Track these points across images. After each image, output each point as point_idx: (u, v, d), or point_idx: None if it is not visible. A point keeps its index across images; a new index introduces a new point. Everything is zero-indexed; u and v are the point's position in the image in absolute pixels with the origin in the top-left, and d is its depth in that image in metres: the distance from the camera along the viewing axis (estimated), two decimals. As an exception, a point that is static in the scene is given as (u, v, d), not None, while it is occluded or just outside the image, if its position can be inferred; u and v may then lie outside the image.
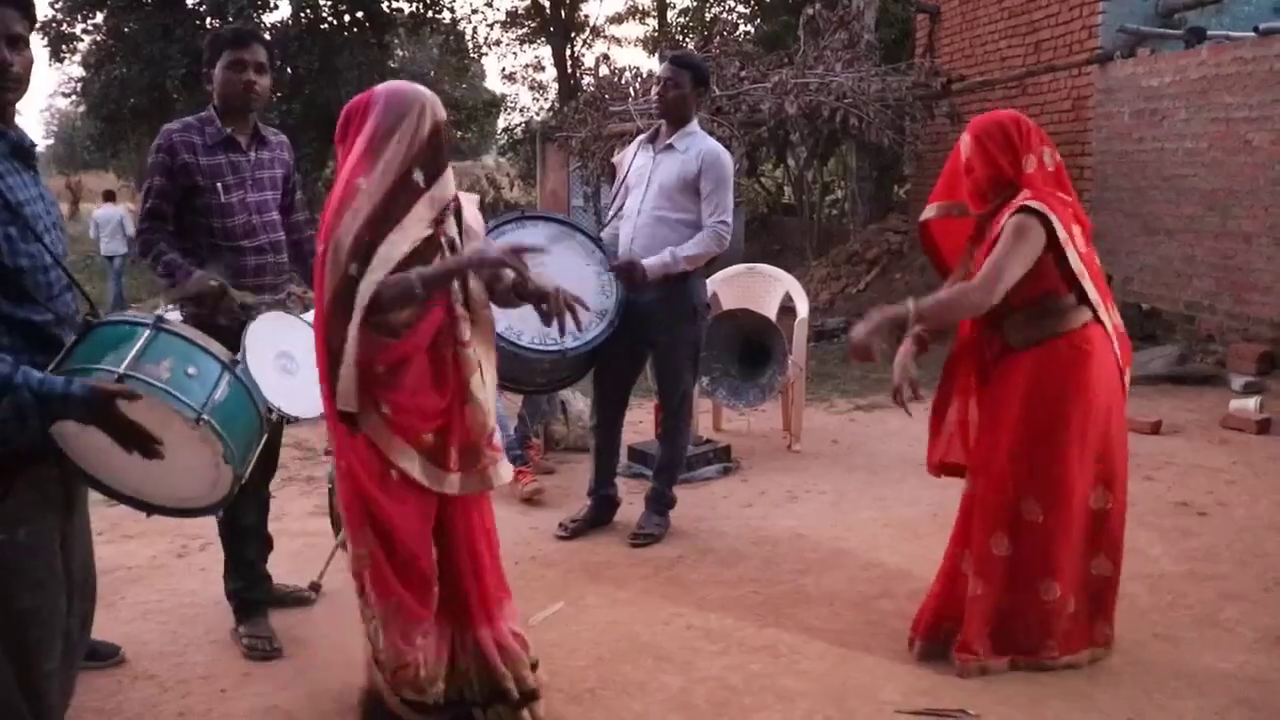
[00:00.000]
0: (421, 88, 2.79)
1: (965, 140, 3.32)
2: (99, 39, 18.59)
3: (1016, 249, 3.12)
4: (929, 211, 3.50)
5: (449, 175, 2.80)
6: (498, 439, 2.89)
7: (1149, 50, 9.34)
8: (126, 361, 2.28)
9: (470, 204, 3.01)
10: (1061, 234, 3.14)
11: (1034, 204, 3.15)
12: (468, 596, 2.92)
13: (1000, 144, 3.26)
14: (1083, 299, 3.26)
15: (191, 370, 2.40)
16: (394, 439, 2.73)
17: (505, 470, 2.91)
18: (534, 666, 3.04)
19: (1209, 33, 8.96)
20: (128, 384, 2.24)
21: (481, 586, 2.95)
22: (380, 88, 2.77)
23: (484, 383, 2.84)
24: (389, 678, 2.88)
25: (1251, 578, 4.09)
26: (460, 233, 2.88)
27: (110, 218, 15.30)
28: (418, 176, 2.70)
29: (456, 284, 2.79)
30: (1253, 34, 8.42)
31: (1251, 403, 6.49)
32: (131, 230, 17.76)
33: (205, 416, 2.34)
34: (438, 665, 2.90)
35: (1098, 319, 3.28)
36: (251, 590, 3.73)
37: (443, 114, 2.78)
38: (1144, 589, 3.98)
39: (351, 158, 2.69)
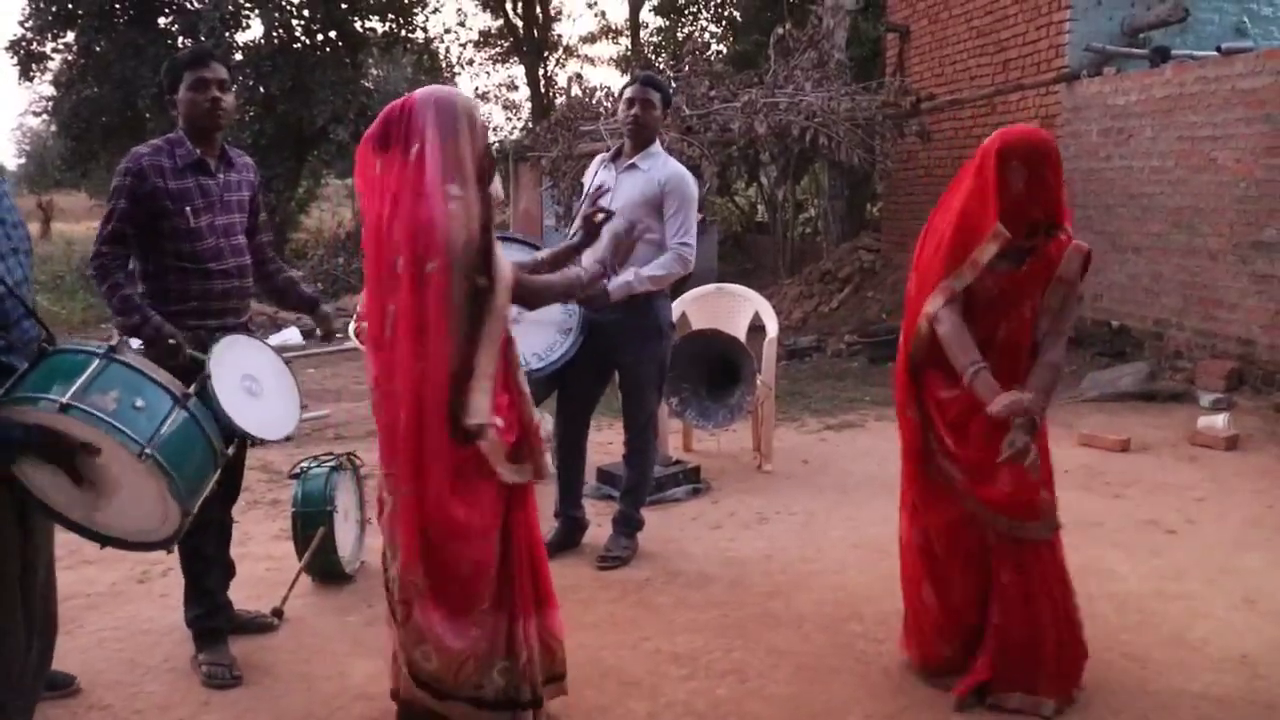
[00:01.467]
0: (454, 90, 2.86)
1: (1021, 169, 3.03)
2: (69, 58, 18.46)
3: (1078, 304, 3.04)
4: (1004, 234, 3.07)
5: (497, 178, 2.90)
6: (543, 430, 2.95)
7: (1115, 69, 9.42)
8: (72, 391, 2.24)
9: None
10: None
11: (1085, 247, 3.13)
12: (528, 586, 2.97)
13: (1058, 171, 3.09)
14: None
15: (139, 403, 2.36)
16: (496, 443, 2.78)
17: (550, 462, 3.01)
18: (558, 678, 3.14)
19: (1173, 52, 9.06)
20: (71, 414, 2.20)
21: (539, 575, 3.03)
22: (417, 95, 2.77)
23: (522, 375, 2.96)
24: (452, 682, 2.89)
25: (1220, 596, 4.10)
26: None
27: None
28: (484, 174, 2.78)
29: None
30: (1215, 53, 8.51)
31: (1220, 419, 6.52)
32: None
33: (149, 450, 2.29)
34: (492, 657, 2.90)
35: None
36: (211, 618, 3.67)
37: (481, 114, 2.85)
38: (1111, 608, 3.98)
39: (430, 165, 2.66)
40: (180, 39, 17.39)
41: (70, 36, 18.14)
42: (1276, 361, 7.49)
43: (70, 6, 17.48)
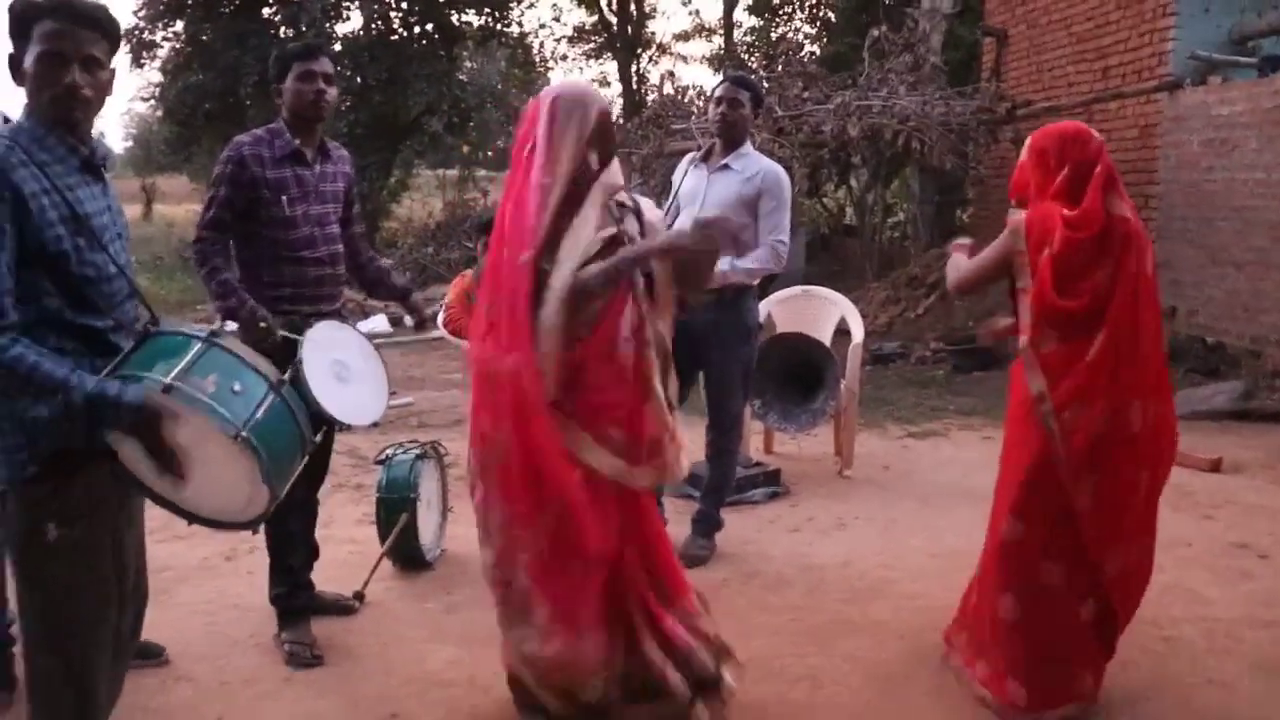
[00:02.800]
0: (585, 83, 2.97)
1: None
2: (177, 46, 18.99)
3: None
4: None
5: (616, 165, 2.95)
6: (680, 434, 2.97)
7: (1221, 78, 9.16)
8: (174, 373, 2.32)
9: (650, 205, 3.10)
10: None
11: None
12: (644, 590, 2.96)
13: (1062, 154, 3.20)
14: None
15: (237, 387, 2.43)
16: (581, 435, 2.80)
17: (685, 464, 2.99)
18: (727, 652, 3.13)
19: (1285, 61, 8.79)
20: (173, 395, 2.28)
21: (657, 580, 3.01)
22: (549, 90, 2.92)
23: (664, 378, 2.94)
24: (540, 681, 2.94)
25: (1312, 625, 3.98)
26: (642, 231, 2.98)
27: None
28: (592, 160, 2.84)
29: (640, 278, 2.89)
30: (1330, 64, 8.25)
31: (1319, 442, 6.32)
32: None
33: (244, 433, 2.36)
34: (599, 664, 2.90)
35: None
36: (294, 597, 3.77)
37: (607, 104, 2.94)
38: (1199, 633, 3.88)
39: (536, 158, 2.78)
40: (283, 29, 17.79)
41: (179, 25, 18.68)
42: (1382, 385, 7.24)
43: (180, -3, 18.00)
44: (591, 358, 2.83)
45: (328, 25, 17.70)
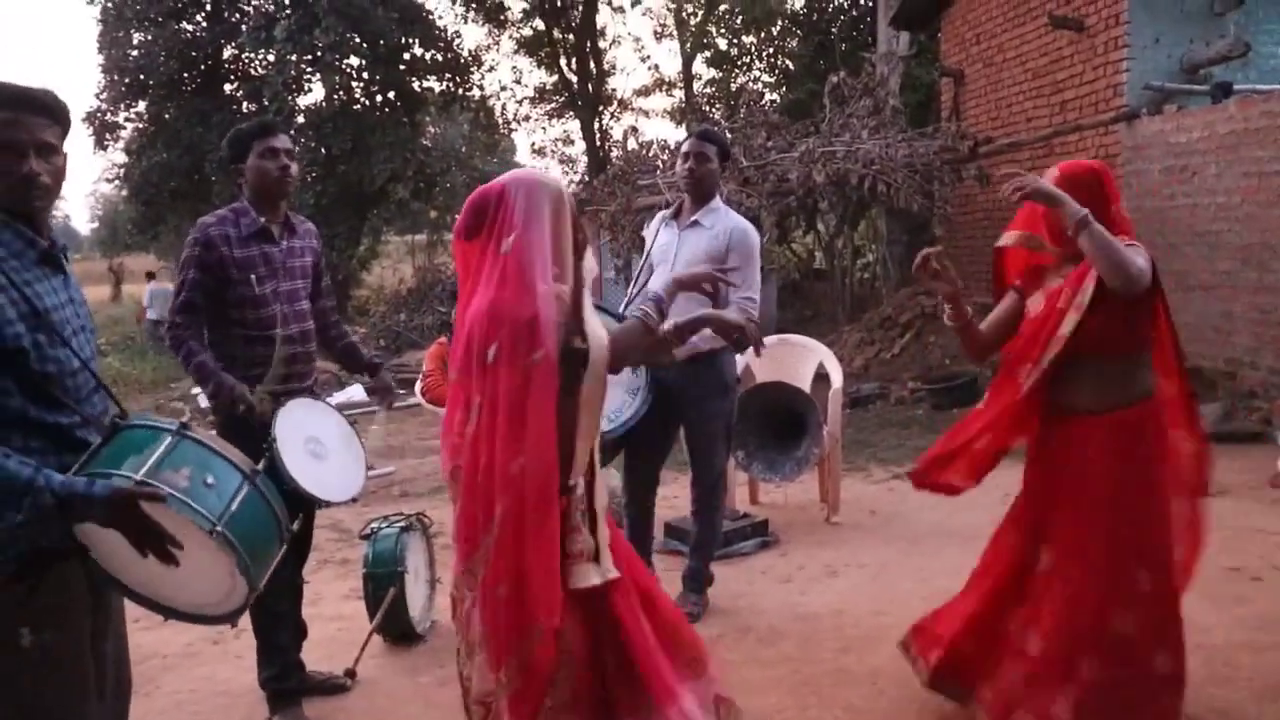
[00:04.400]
0: (541, 172, 2.86)
1: (1054, 178, 3.23)
2: (140, 126, 19.05)
3: (1145, 259, 3.04)
4: (1006, 239, 3.42)
5: (590, 250, 2.91)
6: (609, 485, 2.94)
7: (1176, 106, 9.32)
8: (145, 468, 2.27)
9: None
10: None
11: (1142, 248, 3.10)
12: (630, 684, 2.71)
13: (1093, 188, 3.19)
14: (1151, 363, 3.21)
15: (209, 480, 2.39)
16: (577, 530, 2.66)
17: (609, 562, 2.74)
18: None
19: (1236, 87, 8.94)
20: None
21: (645, 670, 2.71)
22: (513, 179, 2.70)
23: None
24: None
25: (1310, 646, 3.97)
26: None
27: (159, 292, 17.33)
28: (579, 249, 2.77)
29: None
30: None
31: (1300, 460, 6.35)
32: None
33: (220, 528, 2.32)
34: None
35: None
36: (285, 679, 3.71)
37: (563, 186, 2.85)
38: (1199, 661, 3.84)
39: (533, 249, 2.60)
40: (245, 104, 17.88)
41: (141, 106, 18.77)
42: (1357, 400, 7.30)
43: (141, 77, 18.09)
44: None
45: (289, 98, 17.81)
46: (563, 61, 26.36)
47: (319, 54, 17.61)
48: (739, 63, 24.29)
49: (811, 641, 4.23)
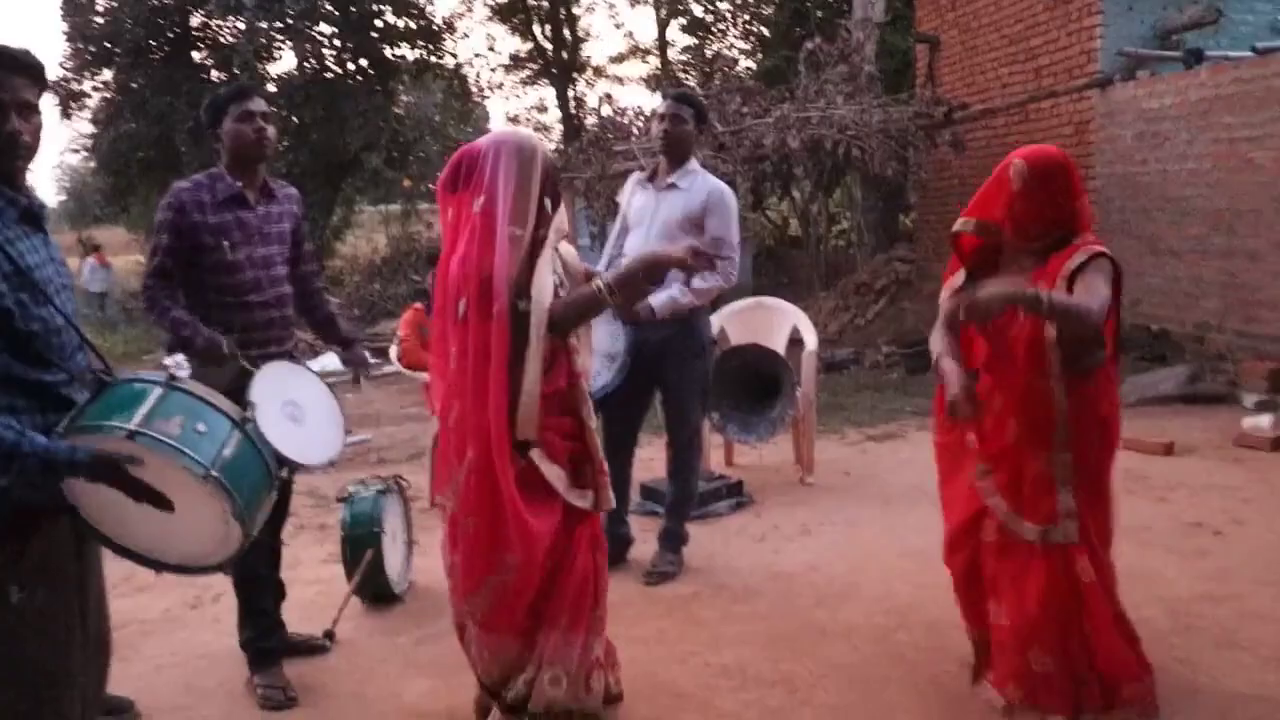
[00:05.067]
0: (524, 131, 3.11)
1: (1023, 173, 3.14)
2: (107, 95, 18.80)
3: (1107, 287, 3.05)
4: (962, 225, 3.34)
5: (563, 208, 3.10)
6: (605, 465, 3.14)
7: (1149, 72, 9.38)
8: (137, 419, 2.29)
9: (571, 251, 3.26)
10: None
11: (1108, 253, 3.13)
12: (585, 607, 3.07)
13: (1061, 183, 3.17)
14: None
15: (201, 427, 2.41)
16: (550, 465, 2.98)
17: (610, 496, 3.15)
18: (617, 699, 3.33)
19: (1207, 53, 9.01)
20: (138, 440, 2.25)
21: (598, 601, 3.13)
22: (491, 140, 2.98)
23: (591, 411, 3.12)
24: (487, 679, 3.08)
25: (1269, 597, 4.06)
26: (565, 272, 3.15)
27: (96, 269, 17.90)
28: (546, 204, 2.99)
29: None
30: (1251, 53, 8.46)
31: (1264, 420, 6.46)
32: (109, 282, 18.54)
33: (214, 473, 2.34)
34: (519, 664, 3.04)
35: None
36: (265, 639, 3.73)
37: (547, 148, 3.06)
38: (1161, 612, 3.95)
39: (499, 210, 2.86)
40: (214, 72, 17.68)
41: (108, 74, 18.51)
42: (1321, 361, 7.41)
43: (107, 45, 17.83)
44: (559, 390, 3.00)
45: (260, 66, 17.61)
46: (536, 28, 26.20)
47: (289, 21, 17.41)
48: (714, 29, 24.22)
49: (786, 598, 4.30)
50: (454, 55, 22.77)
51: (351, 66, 19.32)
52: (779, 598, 4.31)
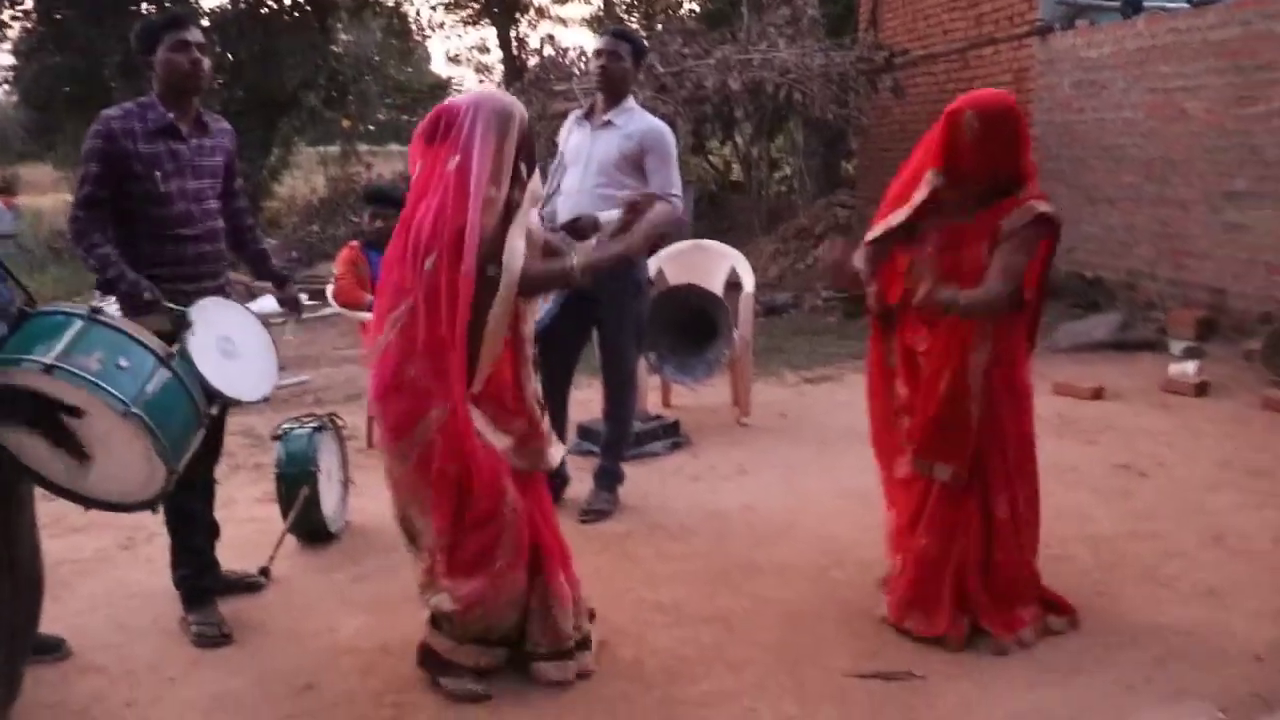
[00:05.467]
0: (504, 93, 3.16)
1: (973, 124, 3.17)
2: (29, 25, 18.14)
3: (1027, 259, 3.23)
4: (936, 178, 3.28)
5: (538, 173, 3.16)
6: (545, 424, 3.19)
7: (1088, 21, 9.44)
8: (56, 352, 2.25)
9: (533, 216, 3.27)
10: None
11: (1053, 214, 3.21)
12: (544, 548, 3.16)
13: (1012, 132, 3.22)
14: None
15: (123, 362, 2.37)
16: (491, 428, 3.03)
17: (557, 454, 3.26)
18: (591, 616, 3.35)
19: (1145, 4, 9.08)
20: (56, 375, 2.21)
21: (557, 539, 3.26)
22: (471, 100, 3.01)
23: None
24: (459, 622, 3.08)
25: (1189, 535, 4.19)
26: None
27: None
28: (522, 168, 3.02)
29: None
30: (1186, 5, 8.55)
31: (1190, 367, 6.61)
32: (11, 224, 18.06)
33: (135, 410, 2.30)
34: (501, 606, 3.09)
35: None
36: (199, 577, 3.70)
37: (522, 109, 3.06)
38: (1086, 550, 4.07)
39: (474, 169, 2.87)
40: (143, 4, 17.14)
41: (29, 3, 17.84)
42: (1246, 310, 7.59)
43: (28, -31, 17.19)
44: (510, 354, 3.06)
45: (191, 0, 17.11)
46: (478, -33, 25.70)
47: (223, -48, 16.98)
48: (658, -29, 23.92)
49: (722, 537, 4.35)
50: (393, -9, 22.32)
51: (288, 2, 18.84)
52: (715, 537, 4.36)
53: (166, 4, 16.07)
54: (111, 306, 3.21)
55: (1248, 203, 7.56)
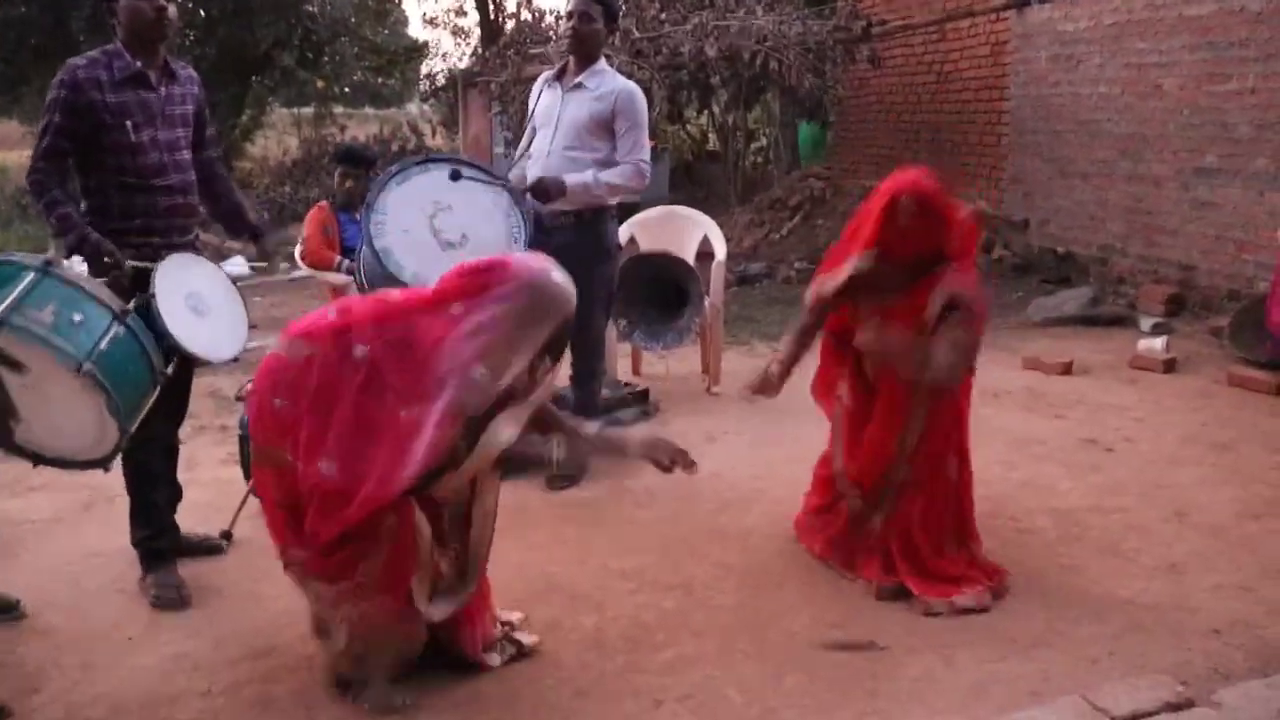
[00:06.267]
0: (563, 283, 2.72)
1: (909, 208, 3.34)
2: (-7, -25, 17.80)
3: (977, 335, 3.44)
4: (863, 261, 3.46)
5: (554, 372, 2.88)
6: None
7: (1065, -5, 9.41)
8: (6, 303, 2.19)
9: None
10: None
11: (968, 297, 3.36)
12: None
13: (940, 215, 3.39)
14: None
15: (77, 318, 2.32)
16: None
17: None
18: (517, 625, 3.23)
19: (1122, -22, 9.06)
20: (3, 331, 2.16)
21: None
22: (526, 276, 2.66)
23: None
24: (362, 645, 2.86)
25: (1153, 510, 4.21)
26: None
27: None
28: (542, 368, 2.75)
29: None
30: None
31: (1159, 342, 6.64)
32: None
33: (87, 366, 2.25)
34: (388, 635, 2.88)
35: None
36: (158, 539, 3.65)
37: (573, 307, 2.74)
38: (1050, 522, 4.08)
39: (480, 334, 2.59)
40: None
41: (-7, -48, 17.49)
42: (1215, 286, 7.63)
43: (-12, -82, 16.83)
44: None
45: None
46: (456, -73, 25.37)
47: (195, -94, 16.67)
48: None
49: (687, 503, 4.33)
50: (371, -49, 22.02)
51: (261, -42, 18.55)
52: (681, 504, 4.35)
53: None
54: (80, 265, 3.13)
55: (1218, 180, 7.58)
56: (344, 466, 2.57)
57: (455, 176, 4.01)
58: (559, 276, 2.68)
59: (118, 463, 3.05)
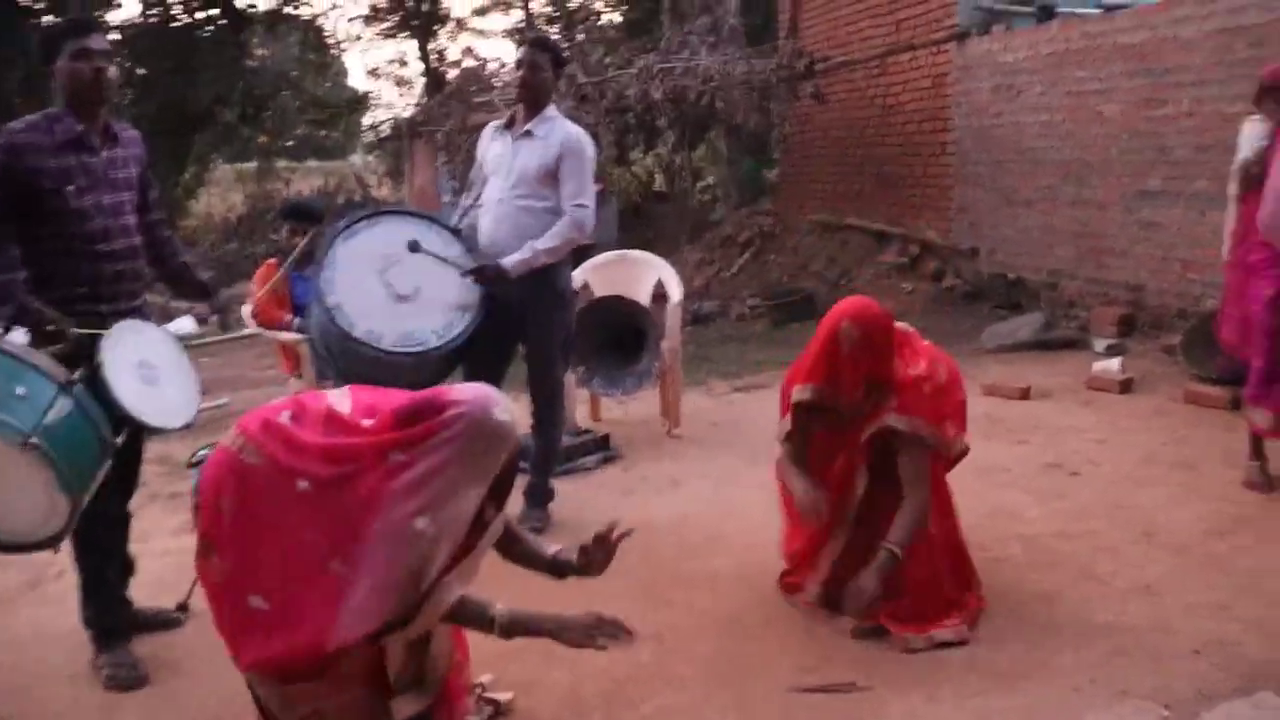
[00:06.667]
0: (504, 420, 2.42)
1: (852, 335, 3.35)
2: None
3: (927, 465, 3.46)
4: (803, 393, 3.51)
5: (505, 512, 2.66)
6: None
7: (1004, 27, 9.56)
8: (-58, 379, 2.10)
9: None
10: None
11: (904, 429, 3.37)
12: None
13: (885, 343, 3.41)
14: None
15: (20, 390, 2.24)
16: None
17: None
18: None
19: (1058, 9, 9.23)
20: None
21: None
22: (467, 417, 2.36)
23: None
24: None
25: (1121, 532, 4.21)
26: None
27: None
28: (489, 513, 2.52)
29: None
30: (1098, 10, 8.69)
31: (1114, 364, 6.69)
32: None
33: (34, 439, 2.16)
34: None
35: None
36: (110, 616, 3.52)
37: (517, 442, 2.49)
38: (1020, 550, 4.06)
39: (422, 485, 2.33)
40: (45, 19, 16.68)
41: (-78, 15, 17.27)
42: (1164, 305, 7.72)
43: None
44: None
45: (97, 13, 16.69)
46: (395, -21, 25.43)
47: (131, -35, 16.65)
48: (577, -18, 23.86)
49: (654, 550, 4.25)
50: (309, 5, 22.05)
51: (201, 16, 18.48)
52: (648, 551, 4.26)
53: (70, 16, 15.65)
54: (22, 336, 3.02)
55: (1161, 202, 7.69)
56: (275, 605, 2.39)
57: (414, 248, 3.97)
58: (500, 413, 2.41)
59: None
